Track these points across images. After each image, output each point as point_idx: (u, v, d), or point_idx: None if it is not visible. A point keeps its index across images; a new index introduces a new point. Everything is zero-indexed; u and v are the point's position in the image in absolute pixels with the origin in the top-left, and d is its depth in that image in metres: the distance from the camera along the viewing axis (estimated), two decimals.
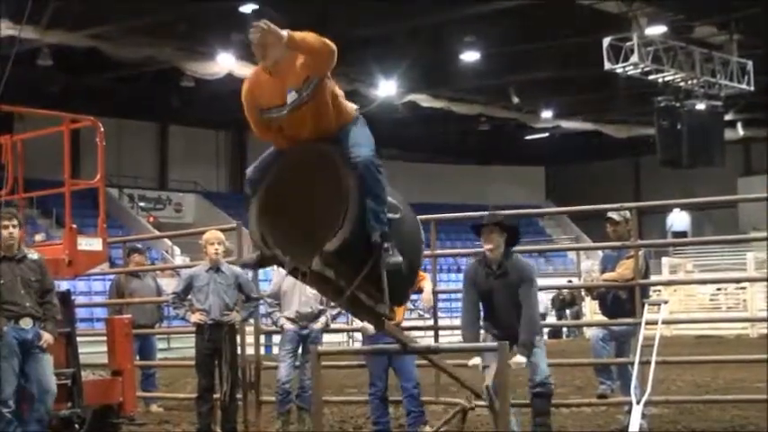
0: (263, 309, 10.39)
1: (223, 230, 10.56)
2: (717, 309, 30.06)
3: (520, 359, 7.71)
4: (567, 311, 31.07)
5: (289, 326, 9.98)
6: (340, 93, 6.05)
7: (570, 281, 26.47)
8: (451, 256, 35.88)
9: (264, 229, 5.96)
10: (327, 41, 5.83)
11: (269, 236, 5.95)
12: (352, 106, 6.13)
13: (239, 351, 10.26)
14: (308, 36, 5.77)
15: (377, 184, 5.82)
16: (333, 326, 10.75)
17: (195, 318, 9.68)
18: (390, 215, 5.91)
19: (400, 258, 5.88)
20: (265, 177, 6.04)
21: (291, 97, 5.85)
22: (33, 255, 8.41)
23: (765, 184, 31.99)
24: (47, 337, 8.18)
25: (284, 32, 5.68)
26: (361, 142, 5.89)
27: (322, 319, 10.03)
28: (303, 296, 9.90)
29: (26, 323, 8.13)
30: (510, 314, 7.95)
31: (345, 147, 5.87)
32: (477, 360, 7.93)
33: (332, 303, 9.79)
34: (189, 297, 9.85)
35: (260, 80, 6.01)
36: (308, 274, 5.85)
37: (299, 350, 10.05)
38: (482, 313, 8.17)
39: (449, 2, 25.50)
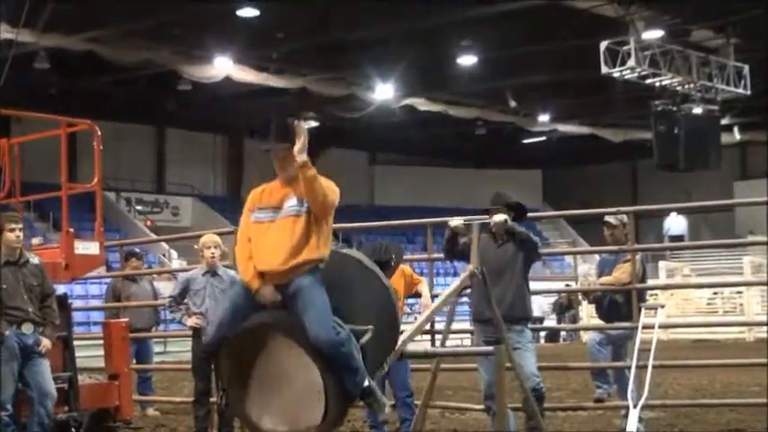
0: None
1: (220, 234, 10.56)
2: (713, 313, 30.07)
3: (501, 217, 7.95)
4: (566, 315, 31.14)
5: None
6: (329, 232, 5.94)
7: (568, 284, 26.48)
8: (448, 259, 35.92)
9: (248, 411, 5.91)
10: (331, 197, 5.80)
11: (255, 416, 5.90)
12: (325, 254, 5.91)
13: None
14: (318, 183, 5.72)
15: (345, 359, 5.67)
16: None
17: (192, 321, 9.67)
18: (361, 342, 5.79)
19: (387, 405, 5.99)
20: (226, 352, 5.90)
21: (290, 204, 5.84)
22: (34, 259, 8.42)
23: (761, 188, 32.03)
24: (45, 343, 8.18)
25: (303, 156, 5.65)
26: (317, 316, 5.66)
27: None
28: None
29: (27, 328, 8.13)
30: (504, 285, 8.07)
31: (298, 305, 5.70)
32: (457, 220, 8.06)
33: None
34: (185, 301, 9.85)
35: (271, 186, 6.02)
36: None
37: None
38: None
39: (446, 5, 25.51)
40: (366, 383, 5.78)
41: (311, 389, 5.72)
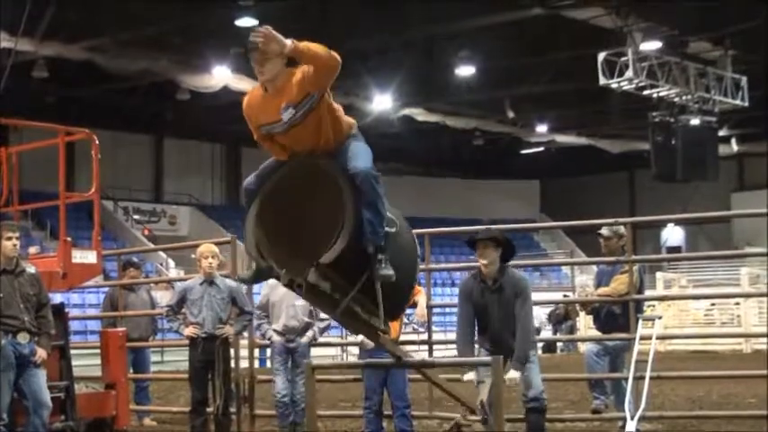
0: (254, 321, 10.35)
1: (218, 243, 10.55)
2: (711, 324, 30.04)
3: (513, 374, 7.69)
4: (563, 326, 31.08)
5: (276, 338, 9.97)
6: (338, 107, 6.03)
7: (566, 295, 26.47)
8: (446, 270, 35.92)
9: (260, 239, 5.94)
10: (333, 53, 5.79)
11: (264, 247, 5.92)
12: (350, 121, 6.11)
13: (233, 364, 10.24)
14: (314, 45, 5.72)
15: (374, 195, 5.78)
16: (327, 339, 10.75)
17: (188, 331, 9.67)
18: (386, 229, 5.87)
19: (392, 272, 5.86)
20: (262, 188, 6.01)
21: (288, 114, 5.82)
22: (31, 268, 8.41)
23: (759, 199, 32.06)
24: (41, 353, 8.17)
25: (288, 40, 5.64)
26: (359, 155, 5.86)
27: (309, 333, 10.00)
28: (291, 309, 9.88)
29: (23, 338, 8.12)
30: (504, 329, 7.94)
31: (343, 159, 5.84)
32: (471, 375, 7.91)
33: (320, 317, 9.80)
34: (183, 310, 9.84)
35: (257, 97, 6.01)
36: (303, 287, 5.82)
37: (289, 362, 10.03)
38: (476, 328, 8.16)
39: (444, 16, 25.58)
40: (382, 242, 5.81)
41: (330, 226, 5.73)
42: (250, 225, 5.98)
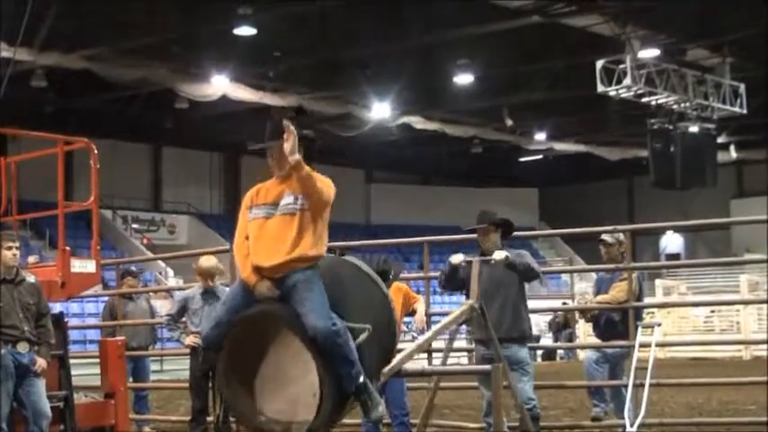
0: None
1: (217, 252, 10.54)
2: (710, 331, 30.03)
3: (502, 254, 7.98)
4: (563, 333, 31.07)
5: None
6: (325, 231, 5.94)
7: (565, 303, 26.48)
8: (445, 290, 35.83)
9: (242, 405, 5.90)
10: (327, 194, 5.80)
11: (248, 411, 5.89)
12: (322, 251, 5.94)
13: None
14: (315, 179, 5.72)
15: (340, 350, 5.64)
16: None
17: (189, 340, 9.67)
18: (358, 341, 5.77)
19: (382, 408, 5.93)
20: (224, 342, 5.87)
21: (287, 200, 5.84)
22: (31, 278, 8.41)
23: (758, 206, 32.07)
24: (41, 362, 8.16)
25: (297, 155, 5.63)
26: (315, 308, 5.67)
27: None
28: None
29: (23, 347, 8.11)
30: (500, 305, 8.08)
31: (298, 311, 5.69)
32: (459, 257, 8.19)
33: None
34: (183, 319, 9.84)
35: (267, 184, 6.03)
36: None
37: None
38: None
39: (442, 24, 25.61)
40: (361, 380, 5.75)
41: (307, 384, 5.69)
42: (222, 385, 5.93)
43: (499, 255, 8.06)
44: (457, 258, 8.24)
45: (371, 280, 6.17)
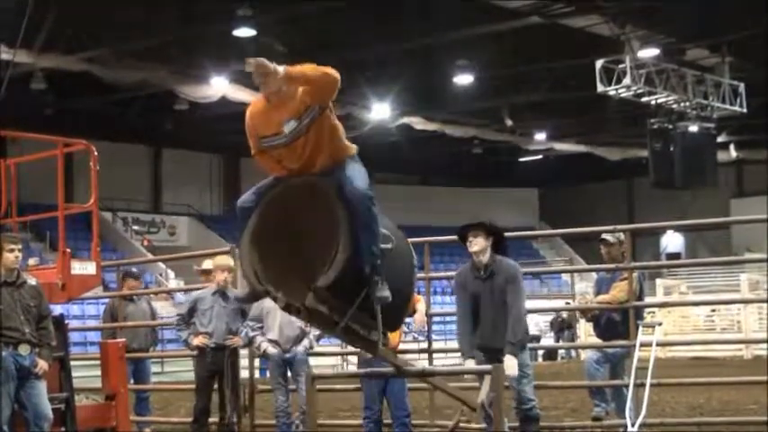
0: (248, 333, 10.19)
1: (218, 253, 10.55)
2: (711, 330, 30.04)
3: (510, 364, 7.69)
4: (565, 333, 31.07)
5: (272, 350, 9.87)
6: (340, 128, 6.05)
7: (568, 302, 26.48)
8: (445, 278, 35.84)
9: (256, 262, 5.93)
10: (328, 71, 5.81)
11: (261, 270, 5.91)
12: (350, 144, 6.10)
13: None
14: (307, 69, 5.75)
15: (370, 217, 5.78)
16: (327, 349, 10.74)
17: (198, 341, 9.67)
18: (382, 246, 5.88)
19: (388, 293, 5.88)
20: (257, 207, 6.00)
21: (290, 126, 5.87)
22: (32, 280, 8.41)
23: (758, 206, 32.04)
24: (42, 365, 8.16)
25: (280, 68, 5.67)
26: (356, 176, 5.87)
27: (305, 342, 9.95)
28: (285, 316, 9.81)
29: (24, 349, 8.11)
30: (496, 317, 7.97)
31: (340, 180, 5.85)
32: (471, 363, 7.99)
33: None
34: (192, 320, 9.85)
35: (260, 108, 6.04)
36: (301, 310, 5.85)
37: (288, 373, 10.00)
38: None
39: (442, 25, 25.61)
40: (378, 261, 5.81)
41: (325, 252, 5.72)
42: (245, 246, 5.97)
43: (511, 370, 7.68)
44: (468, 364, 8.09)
45: (401, 231, 6.37)
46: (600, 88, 26.00)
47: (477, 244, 8.04)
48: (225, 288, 9.76)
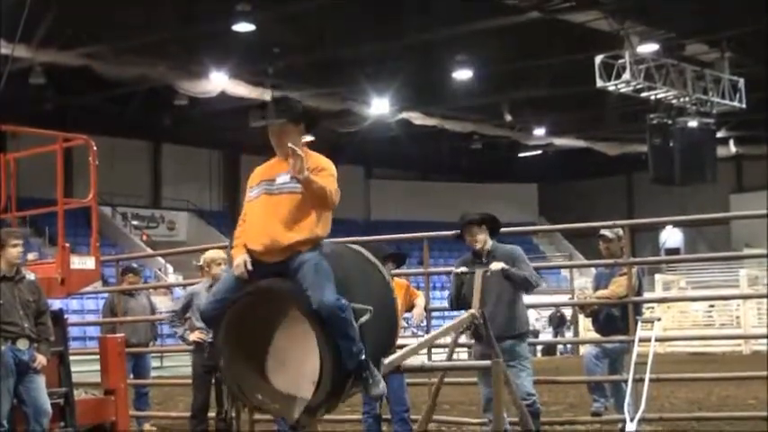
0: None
1: (216, 248, 10.53)
2: (710, 325, 30.07)
3: (499, 264, 7.94)
4: (567, 329, 31.08)
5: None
6: (327, 215, 5.92)
7: (572, 298, 26.48)
8: (444, 273, 35.80)
9: (237, 377, 5.85)
10: (332, 201, 5.76)
11: (243, 384, 5.85)
12: (325, 231, 5.90)
13: None
14: (324, 186, 5.70)
15: (344, 325, 5.61)
16: None
17: (194, 336, 9.65)
18: (360, 321, 5.73)
19: (382, 386, 5.87)
20: (225, 318, 5.82)
21: (284, 179, 5.80)
22: (30, 275, 8.42)
23: (757, 201, 32.05)
24: (41, 359, 8.17)
25: (305, 175, 5.59)
26: (321, 283, 5.64)
27: None
28: None
29: (23, 344, 8.12)
30: (495, 302, 8.02)
31: (302, 285, 5.67)
32: (462, 268, 8.21)
33: None
34: (188, 315, 9.82)
35: (266, 164, 6.05)
36: (297, 427, 5.88)
37: None
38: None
39: (441, 20, 25.62)
40: (362, 357, 5.71)
41: (308, 362, 5.66)
42: (224, 364, 5.86)
43: (496, 266, 8.03)
44: (461, 269, 8.23)
45: (373, 265, 6.17)
46: (599, 83, 26.01)
47: (478, 240, 8.24)
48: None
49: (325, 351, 5.59)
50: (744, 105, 28.74)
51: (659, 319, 10.02)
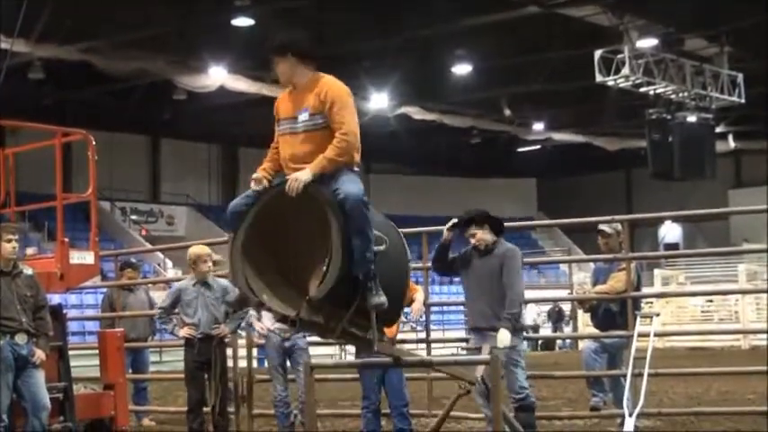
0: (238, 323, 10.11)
1: (215, 244, 10.53)
2: (708, 320, 30.09)
3: (503, 337, 7.79)
4: (566, 324, 31.10)
5: (267, 324, 9.77)
6: (350, 138, 5.98)
7: (571, 293, 26.51)
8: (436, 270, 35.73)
9: (248, 273, 5.86)
10: (353, 142, 5.91)
11: (252, 279, 5.86)
12: (355, 158, 6.02)
13: (231, 364, 10.23)
14: (337, 143, 5.84)
15: (363, 222, 5.71)
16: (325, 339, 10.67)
17: (184, 332, 9.63)
18: (375, 248, 5.81)
19: (383, 299, 5.84)
20: (248, 214, 5.92)
21: (304, 116, 5.92)
22: (28, 270, 8.41)
23: (756, 196, 32.08)
24: (39, 354, 8.17)
25: (308, 176, 5.75)
26: (350, 182, 5.80)
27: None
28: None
29: (21, 339, 8.12)
30: (490, 297, 8.03)
31: (332, 186, 5.78)
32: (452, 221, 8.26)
33: None
34: (176, 311, 9.80)
35: (285, 95, 6.17)
36: (296, 322, 5.84)
37: (287, 363, 9.98)
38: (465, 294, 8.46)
39: (440, 15, 25.59)
40: (371, 267, 5.75)
41: (319, 264, 5.69)
42: (236, 254, 5.88)
43: (503, 340, 7.80)
44: (450, 223, 8.30)
45: (392, 224, 6.29)
46: (598, 78, 26.01)
47: (481, 242, 8.27)
48: (206, 278, 9.68)
49: (337, 243, 5.60)
50: (743, 100, 28.74)
51: (658, 314, 10.01)
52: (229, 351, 10.10)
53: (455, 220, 8.34)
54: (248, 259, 5.86)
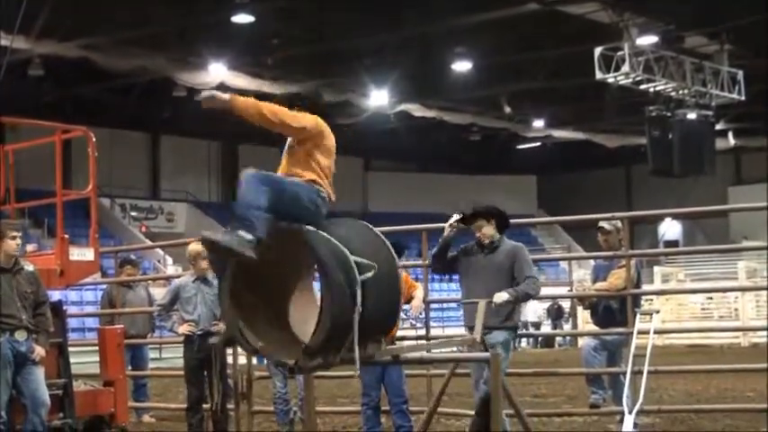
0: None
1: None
2: (708, 318, 30.09)
3: (502, 295, 7.83)
4: (566, 321, 31.06)
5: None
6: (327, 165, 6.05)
7: (571, 290, 26.50)
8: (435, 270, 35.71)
9: (241, 322, 5.84)
10: (268, 112, 6.02)
11: (246, 331, 5.83)
12: (311, 175, 6.01)
13: (231, 361, 10.23)
14: (249, 104, 6.15)
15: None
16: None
17: (184, 329, 9.63)
18: (363, 277, 5.71)
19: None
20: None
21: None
22: (29, 267, 8.41)
23: (756, 193, 32.08)
24: (39, 350, 8.17)
25: (226, 96, 6.14)
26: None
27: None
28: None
29: (21, 335, 8.12)
30: (491, 289, 7.97)
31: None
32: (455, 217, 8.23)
33: None
34: (176, 308, 9.79)
35: None
36: (295, 369, 5.87)
37: None
38: (463, 292, 8.39)
39: (440, 13, 25.58)
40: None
41: (312, 310, 5.68)
42: (225, 302, 5.87)
43: (499, 297, 7.86)
44: (454, 217, 8.25)
45: (381, 239, 6.17)
46: (598, 75, 25.99)
47: (486, 236, 8.22)
48: (205, 274, 9.67)
49: (326, 294, 5.56)
50: (743, 98, 28.72)
51: (658, 312, 10.03)
52: (229, 348, 10.11)
53: (458, 216, 8.29)
54: (238, 306, 5.83)
